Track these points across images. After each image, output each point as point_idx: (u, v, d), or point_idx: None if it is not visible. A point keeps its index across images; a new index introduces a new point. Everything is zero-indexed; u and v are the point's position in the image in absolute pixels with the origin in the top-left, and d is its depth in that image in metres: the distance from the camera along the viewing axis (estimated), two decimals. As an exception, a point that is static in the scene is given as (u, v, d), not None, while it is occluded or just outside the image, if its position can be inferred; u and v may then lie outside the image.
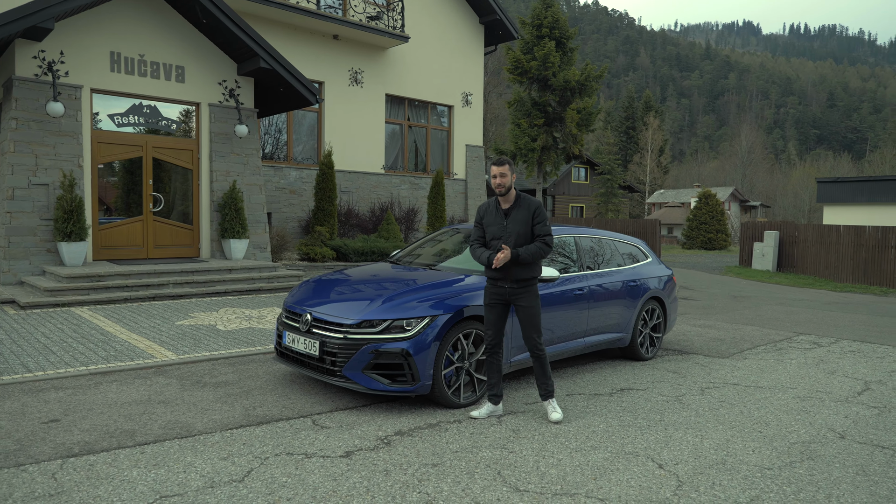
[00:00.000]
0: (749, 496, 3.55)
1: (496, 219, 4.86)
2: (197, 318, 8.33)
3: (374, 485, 3.52)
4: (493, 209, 4.92)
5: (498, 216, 4.86)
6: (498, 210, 4.87)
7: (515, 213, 4.80)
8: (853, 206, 26.54)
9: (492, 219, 4.89)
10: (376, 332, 4.79)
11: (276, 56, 11.83)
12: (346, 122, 17.57)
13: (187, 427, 4.32)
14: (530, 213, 4.77)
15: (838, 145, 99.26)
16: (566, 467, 3.88)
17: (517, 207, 4.82)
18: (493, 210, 4.91)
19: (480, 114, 21.91)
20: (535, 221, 4.77)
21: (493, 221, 4.87)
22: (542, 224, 4.77)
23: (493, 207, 4.92)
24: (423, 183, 19.70)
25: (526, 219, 4.77)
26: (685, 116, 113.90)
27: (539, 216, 4.77)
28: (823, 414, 5.21)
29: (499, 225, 4.83)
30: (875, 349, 8.19)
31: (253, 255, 12.46)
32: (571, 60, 31.28)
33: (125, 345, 6.66)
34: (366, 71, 18.10)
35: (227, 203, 11.96)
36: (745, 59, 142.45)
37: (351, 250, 15.07)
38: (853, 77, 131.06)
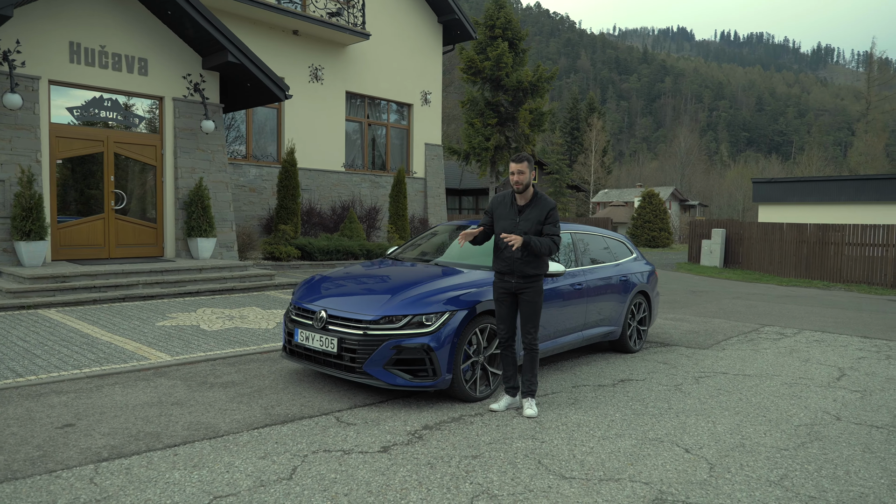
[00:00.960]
0: (777, 475, 3.75)
1: (509, 213, 4.92)
2: (176, 318, 8.07)
3: (425, 477, 3.54)
4: (507, 202, 4.97)
5: (512, 211, 4.92)
6: (513, 205, 4.94)
7: (530, 211, 4.86)
8: (786, 205, 28.01)
9: (505, 212, 4.95)
10: (397, 327, 4.79)
11: (244, 50, 11.56)
12: (307, 120, 17.31)
13: (212, 428, 4.21)
14: (544, 214, 4.82)
15: (766, 147, 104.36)
16: (600, 454, 4.00)
17: (532, 206, 4.88)
18: (508, 203, 4.96)
19: (439, 113, 21.99)
20: (547, 221, 4.82)
21: (506, 215, 4.93)
22: (553, 224, 4.83)
23: (509, 201, 4.97)
24: (383, 181, 19.61)
25: (539, 218, 4.82)
26: (624, 118, 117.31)
27: (551, 217, 4.83)
28: (813, 398, 5.53)
29: (511, 220, 4.89)
30: (836, 338, 8.70)
31: (220, 254, 12.14)
32: (523, 61, 31.76)
33: (112, 347, 6.40)
34: (326, 68, 17.88)
35: (193, 201, 11.60)
36: (680, 63, 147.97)
37: (316, 249, 14.89)
38: (779, 83, 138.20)
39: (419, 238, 6.93)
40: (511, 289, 4.87)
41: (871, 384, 6.10)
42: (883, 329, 9.62)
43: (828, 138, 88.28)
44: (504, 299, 4.92)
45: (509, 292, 4.89)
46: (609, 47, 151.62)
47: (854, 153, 57.43)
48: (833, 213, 25.02)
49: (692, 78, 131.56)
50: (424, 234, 6.95)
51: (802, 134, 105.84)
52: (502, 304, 4.92)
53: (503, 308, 4.92)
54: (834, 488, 3.59)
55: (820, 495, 3.48)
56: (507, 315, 4.92)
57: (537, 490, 3.42)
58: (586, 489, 3.46)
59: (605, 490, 3.45)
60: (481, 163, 31.82)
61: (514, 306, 4.93)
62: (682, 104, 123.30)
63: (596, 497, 3.36)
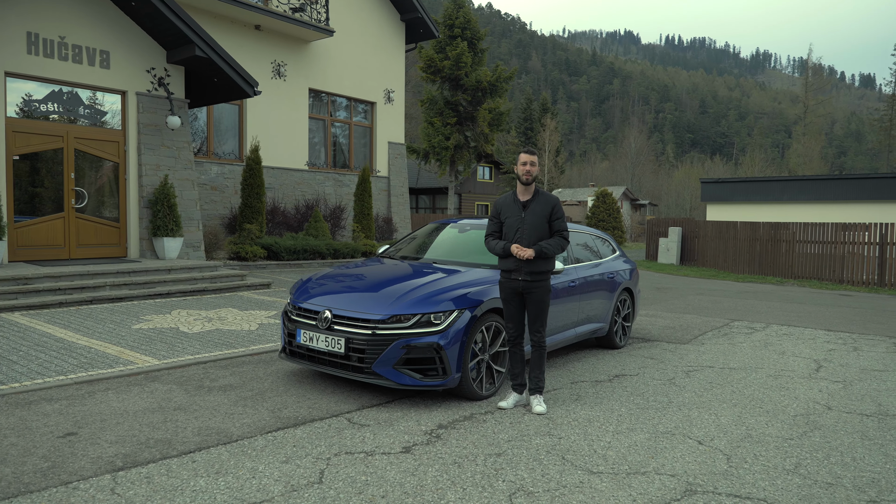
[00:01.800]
0: (791, 463, 3.88)
1: (514, 210, 4.95)
2: (152, 320, 7.78)
3: (456, 476, 3.51)
4: (510, 202, 5.01)
5: (516, 207, 4.95)
6: (516, 202, 4.97)
7: (534, 205, 4.91)
8: (733, 204, 29.11)
9: (510, 211, 4.98)
10: (406, 326, 4.74)
11: (212, 44, 11.25)
12: (269, 117, 16.96)
13: (224, 433, 4.08)
14: (549, 208, 4.88)
15: (710, 149, 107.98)
16: (619, 449, 4.05)
17: (535, 200, 4.92)
18: (511, 202, 5.00)
19: (402, 111, 21.90)
20: (554, 217, 4.89)
21: (512, 213, 4.96)
22: (561, 220, 4.90)
23: (511, 200, 5.00)
24: (347, 180, 19.39)
25: (545, 212, 4.88)
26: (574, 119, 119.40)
27: (557, 211, 4.90)
28: (800, 389, 5.75)
29: (517, 217, 4.92)
30: (803, 332, 9.06)
31: (186, 254, 11.77)
32: (482, 61, 31.92)
33: (93, 351, 6.13)
34: (289, 64, 17.57)
35: (158, 199, 11.22)
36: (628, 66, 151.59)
37: (282, 248, 14.62)
38: (721, 86, 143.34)
39: (409, 237, 6.88)
40: (518, 287, 4.89)
41: (849, 375, 6.38)
42: (843, 322, 10.07)
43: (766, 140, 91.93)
44: (512, 299, 4.93)
45: (517, 291, 4.91)
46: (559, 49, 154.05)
47: (793, 155, 59.98)
48: (777, 211, 26.10)
49: (639, 80, 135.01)
50: (414, 234, 6.91)
51: (743, 136, 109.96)
52: (510, 304, 4.94)
53: (511, 307, 4.94)
54: (847, 474, 3.74)
55: (836, 481, 3.62)
56: (515, 314, 4.94)
57: (570, 486, 3.45)
58: (617, 483, 3.50)
59: (635, 483, 3.50)
60: (441, 162, 31.87)
61: (522, 305, 4.95)
62: (630, 106, 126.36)
63: (629, 490, 3.41)
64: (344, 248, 16.20)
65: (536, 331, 4.89)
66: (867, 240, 16.30)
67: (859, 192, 25.55)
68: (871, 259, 16.23)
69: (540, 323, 4.87)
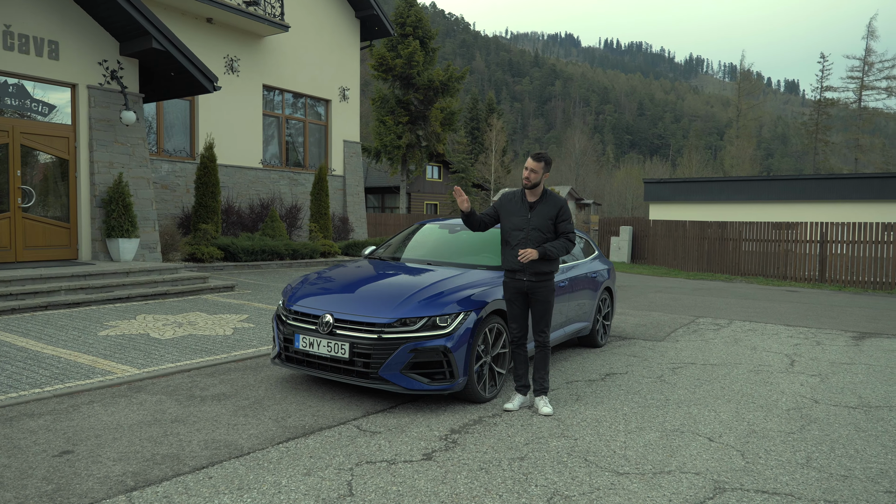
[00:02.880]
0: (802, 457, 4.00)
1: (520, 209, 4.93)
2: (118, 326, 7.38)
3: (488, 483, 3.45)
4: (517, 199, 4.98)
5: (522, 207, 4.93)
6: (523, 202, 4.94)
7: (541, 207, 4.90)
8: (674, 203, 30.15)
9: (515, 209, 4.95)
10: (413, 330, 4.64)
11: (169, 37, 10.77)
12: (222, 113, 16.41)
13: (232, 445, 3.88)
14: (556, 210, 4.89)
15: (648, 150, 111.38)
16: (637, 448, 4.08)
17: (543, 202, 4.92)
18: (518, 201, 4.97)
19: (358, 109, 21.61)
20: (560, 219, 4.89)
21: (516, 212, 4.94)
22: (567, 222, 4.91)
23: (518, 198, 4.98)
24: (302, 179, 18.99)
25: (550, 214, 4.87)
26: (518, 119, 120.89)
27: (563, 213, 4.91)
28: (783, 384, 5.95)
29: (522, 217, 4.91)
30: (765, 327, 9.41)
31: (142, 255, 11.24)
32: (433, 60, 31.86)
33: (63, 361, 5.74)
34: (242, 59, 17.05)
35: (112, 198, 10.66)
36: (569, 68, 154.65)
37: (240, 249, 14.18)
38: (658, 90, 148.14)
39: (395, 238, 6.76)
40: (523, 288, 4.87)
41: (822, 369, 6.65)
42: (798, 317, 10.52)
43: (700, 142, 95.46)
44: (516, 299, 4.91)
45: (521, 291, 4.89)
46: (502, 50, 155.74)
47: (727, 156, 62.49)
48: (717, 211, 27.16)
49: (580, 82, 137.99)
50: (400, 234, 6.79)
51: (679, 138, 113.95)
52: (514, 304, 4.91)
53: (515, 307, 4.91)
54: (856, 466, 3.87)
55: (849, 473, 3.75)
56: (519, 314, 4.92)
57: (603, 488, 3.44)
58: (647, 483, 3.51)
59: (664, 483, 3.53)
60: (393, 161, 31.65)
61: (526, 305, 4.93)
62: (572, 107, 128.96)
63: (661, 491, 3.42)
64: (303, 249, 15.85)
65: (541, 331, 4.88)
66: (808, 238, 17.12)
67: (795, 193, 26.85)
68: (813, 257, 17.06)
69: (545, 323, 4.86)
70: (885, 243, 15.77)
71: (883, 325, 9.92)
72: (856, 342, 8.31)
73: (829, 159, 59.13)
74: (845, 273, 16.39)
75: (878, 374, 6.42)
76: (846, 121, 59.22)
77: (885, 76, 53.21)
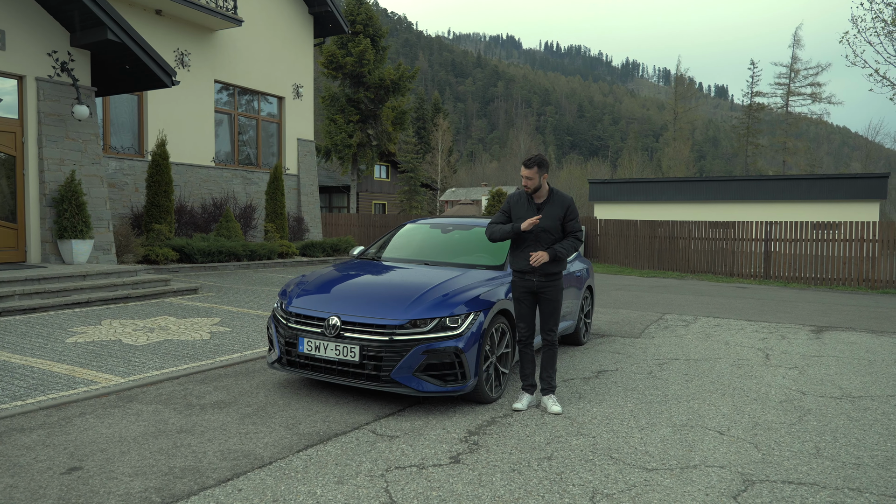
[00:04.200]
0: (812, 447, 4.15)
1: (527, 210, 4.93)
2: (84, 333, 6.97)
3: (525, 484, 3.42)
4: (524, 200, 4.97)
5: (530, 209, 4.92)
6: (531, 203, 4.94)
7: (548, 208, 4.90)
8: (618, 203, 31.07)
9: (522, 210, 4.95)
10: (425, 331, 4.56)
11: (126, 27, 10.29)
12: (173, 109, 15.80)
13: (251, 455, 3.72)
14: (563, 209, 4.89)
15: (588, 151, 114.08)
16: (655, 444, 4.14)
17: (550, 203, 4.92)
18: (525, 202, 4.96)
19: (311, 107, 21.22)
20: (568, 218, 4.89)
21: (525, 213, 4.93)
22: (574, 220, 4.93)
23: (525, 199, 4.97)
24: (255, 178, 18.50)
25: (558, 214, 4.88)
26: (461, 120, 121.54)
27: (571, 213, 4.91)
28: (766, 377, 6.17)
29: (530, 217, 4.90)
30: (729, 322, 9.76)
31: (95, 257, 10.68)
32: (383, 59, 31.65)
33: (36, 371, 5.38)
34: (193, 53, 16.46)
35: (64, 197, 10.09)
36: (511, 69, 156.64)
37: (196, 251, 13.69)
38: (596, 92, 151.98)
39: (385, 238, 6.65)
40: (532, 287, 4.87)
41: (797, 362, 6.93)
42: (755, 312, 10.96)
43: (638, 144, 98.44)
44: (525, 298, 4.90)
45: (530, 291, 4.89)
46: (445, 50, 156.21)
47: (665, 158, 64.66)
48: (660, 210, 28.10)
49: (522, 84, 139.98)
50: (389, 235, 6.68)
51: (617, 139, 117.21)
52: (523, 303, 4.91)
53: (523, 307, 4.91)
54: (863, 454, 4.05)
55: (859, 461, 3.91)
56: (527, 314, 4.92)
57: (639, 484, 3.47)
58: (678, 479, 3.57)
59: (695, 477, 3.59)
60: (343, 160, 31.25)
61: (534, 304, 4.93)
62: (514, 108, 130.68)
63: (694, 486, 3.48)
64: (260, 250, 15.44)
65: (549, 330, 4.89)
66: (754, 236, 17.89)
67: (732, 193, 28.03)
68: (758, 254, 17.84)
69: (553, 322, 4.88)
70: (825, 241, 16.64)
71: (834, 318, 10.44)
72: (816, 335, 8.71)
73: (758, 161, 62.04)
74: (788, 270, 17.21)
75: (848, 366, 6.75)
76: (773, 125, 62.32)
77: (810, 83, 56.26)
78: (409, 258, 6.01)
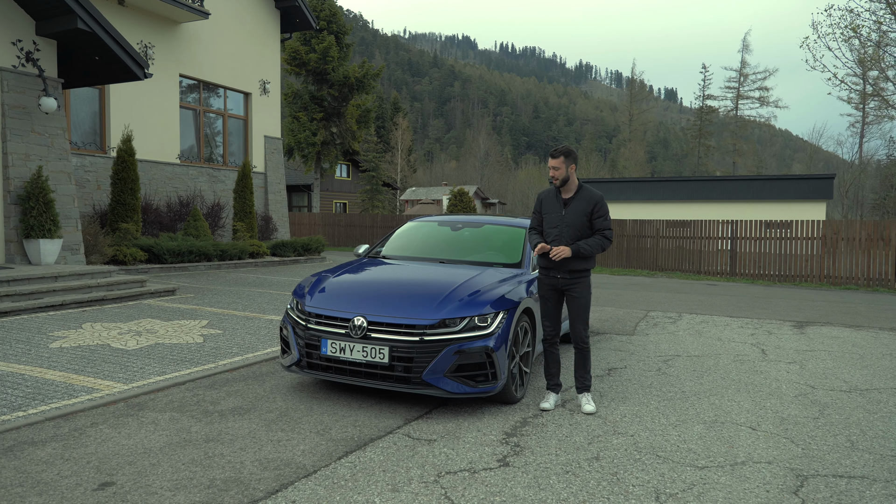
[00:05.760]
0: (845, 440, 4.20)
1: (555, 206, 4.85)
2: (67, 337, 6.58)
3: (584, 486, 3.34)
4: (552, 197, 4.90)
5: (557, 205, 4.85)
6: (558, 198, 4.86)
7: (575, 203, 4.81)
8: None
9: (551, 206, 4.88)
10: (456, 331, 4.43)
11: (97, 16, 9.80)
12: (136, 104, 15.17)
13: (293, 464, 3.52)
14: (591, 206, 4.78)
15: (543, 152, 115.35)
16: (695, 441, 4.12)
17: (577, 198, 4.83)
18: (553, 198, 4.89)
19: (278, 104, 20.75)
20: (596, 215, 4.77)
21: (552, 209, 4.86)
22: (603, 218, 4.77)
23: (554, 195, 4.89)
24: (222, 176, 17.96)
25: (585, 210, 4.78)
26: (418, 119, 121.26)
27: (599, 210, 4.78)
28: (771, 372, 6.26)
29: (557, 214, 4.83)
30: (713, 319, 9.93)
31: (63, 258, 10.14)
32: (348, 56, 31.27)
33: (28, 378, 5.02)
34: (157, 46, 15.85)
35: (31, 194, 9.54)
36: (467, 70, 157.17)
37: (165, 251, 13.20)
38: (551, 93, 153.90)
39: (391, 236, 6.47)
40: (557, 285, 4.80)
41: (794, 357, 7.07)
42: (734, 308, 11.20)
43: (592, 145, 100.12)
44: (550, 296, 4.83)
45: (555, 289, 4.82)
46: (402, 49, 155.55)
47: (620, 158, 65.93)
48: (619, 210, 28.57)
49: (478, 84, 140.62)
50: (396, 233, 6.51)
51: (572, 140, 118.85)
52: (548, 301, 4.84)
53: (549, 305, 4.84)
54: (894, 446, 4.12)
55: (892, 454, 3.98)
56: (552, 312, 4.85)
57: (697, 483, 3.43)
58: (733, 476, 3.54)
59: (748, 474, 3.57)
60: (307, 158, 30.74)
61: (561, 302, 4.86)
62: (471, 108, 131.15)
63: (751, 483, 3.46)
64: (232, 249, 14.99)
65: (578, 330, 4.83)
66: (720, 235, 18.35)
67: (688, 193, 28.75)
68: (724, 252, 18.30)
69: (581, 323, 4.81)
70: (790, 240, 17.18)
71: (810, 314, 10.75)
72: (800, 331, 8.94)
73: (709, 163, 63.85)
74: (753, 267, 17.70)
75: (842, 360, 6.92)
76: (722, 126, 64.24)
77: (758, 87, 58.26)
78: (422, 256, 5.86)
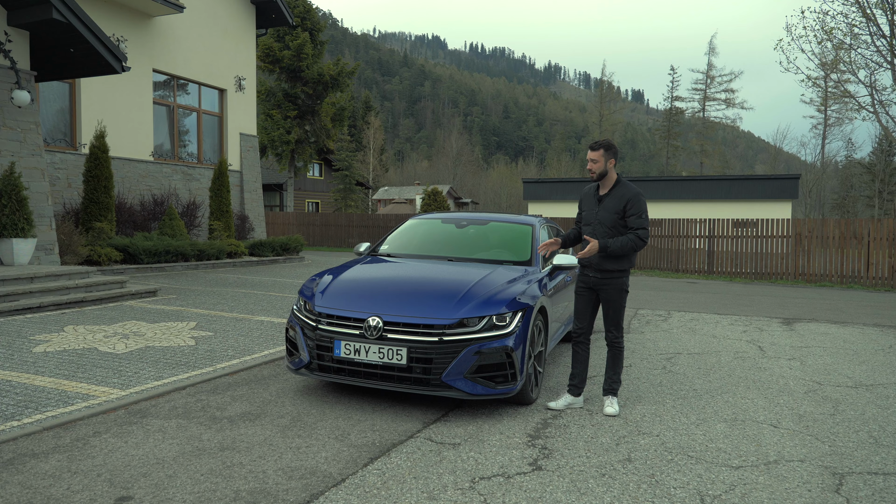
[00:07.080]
0: (867, 437, 4.18)
1: (591, 203, 4.78)
2: (50, 341, 6.25)
3: (624, 488, 3.24)
4: (591, 193, 4.83)
5: (593, 201, 4.77)
6: (595, 194, 4.78)
7: (609, 200, 4.66)
8: (552, 202, 31.73)
9: (588, 202, 4.82)
10: (476, 330, 4.30)
11: (73, 7, 9.41)
12: (108, 99, 14.68)
13: (319, 472, 3.34)
14: (622, 203, 4.58)
15: (513, 152, 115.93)
16: (721, 440, 4.06)
17: (611, 195, 4.66)
18: (592, 194, 4.82)
19: (254, 101, 20.34)
20: (629, 213, 4.56)
21: (589, 206, 4.79)
22: (636, 216, 4.55)
23: (593, 191, 4.82)
24: (196, 174, 17.52)
25: (616, 208, 4.59)
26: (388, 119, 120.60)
27: (633, 207, 4.55)
28: (774, 369, 6.28)
29: (591, 210, 4.75)
30: (702, 316, 9.98)
31: (37, 258, 9.72)
32: (322, 53, 30.91)
33: (15, 385, 4.72)
34: (130, 40, 15.37)
35: (3, 191, 9.11)
36: (437, 69, 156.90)
37: (141, 250, 12.78)
38: (521, 94, 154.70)
39: (395, 234, 6.29)
40: (591, 283, 4.73)
41: (792, 353, 7.12)
42: (719, 306, 11.30)
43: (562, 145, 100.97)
44: (583, 293, 4.77)
45: (588, 286, 4.74)
46: (371, 48, 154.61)
47: (591, 159, 66.52)
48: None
49: (448, 84, 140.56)
50: (399, 231, 6.34)
51: (542, 141, 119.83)
52: (581, 298, 4.77)
53: (581, 302, 4.77)
54: (918, 442, 4.13)
55: (919, 450, 3.98)
56: (583, 309, 4.76)
57: (737, 484, 3.35)
58: (770, 475, 3.48)
59: (784, 473, 3.52)
60: (281, 157, 30.27)
61: (592, 301, 4.78)
62: (441, 108, 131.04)
63: (790, 482, 3.40)
64: (209, 249, 14.60)
65: (610, 332, 4.75)
66: (698, 233, 18.57)
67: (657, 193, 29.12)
68: (702, 251, 18.52)
69: (613, 323, 4.72)
70: (767, 237, 17.46)
71: (794, 311, 10.90)
72: (789, 327, 9.03)
73: (676, 164, 64.87)
74: (730, 265, 17.96)
75: (838, 356, 6.99)
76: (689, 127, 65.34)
77: (724, 89, 59.41)
78: (429, 254, 5.71)
